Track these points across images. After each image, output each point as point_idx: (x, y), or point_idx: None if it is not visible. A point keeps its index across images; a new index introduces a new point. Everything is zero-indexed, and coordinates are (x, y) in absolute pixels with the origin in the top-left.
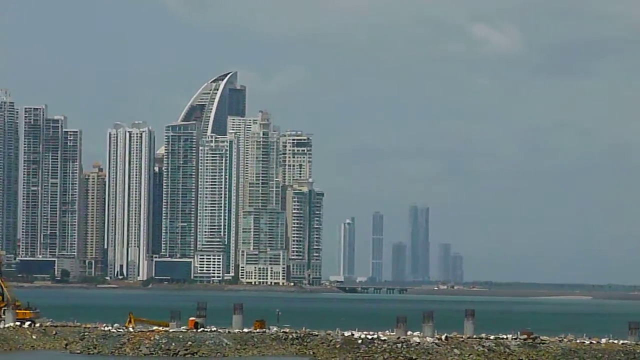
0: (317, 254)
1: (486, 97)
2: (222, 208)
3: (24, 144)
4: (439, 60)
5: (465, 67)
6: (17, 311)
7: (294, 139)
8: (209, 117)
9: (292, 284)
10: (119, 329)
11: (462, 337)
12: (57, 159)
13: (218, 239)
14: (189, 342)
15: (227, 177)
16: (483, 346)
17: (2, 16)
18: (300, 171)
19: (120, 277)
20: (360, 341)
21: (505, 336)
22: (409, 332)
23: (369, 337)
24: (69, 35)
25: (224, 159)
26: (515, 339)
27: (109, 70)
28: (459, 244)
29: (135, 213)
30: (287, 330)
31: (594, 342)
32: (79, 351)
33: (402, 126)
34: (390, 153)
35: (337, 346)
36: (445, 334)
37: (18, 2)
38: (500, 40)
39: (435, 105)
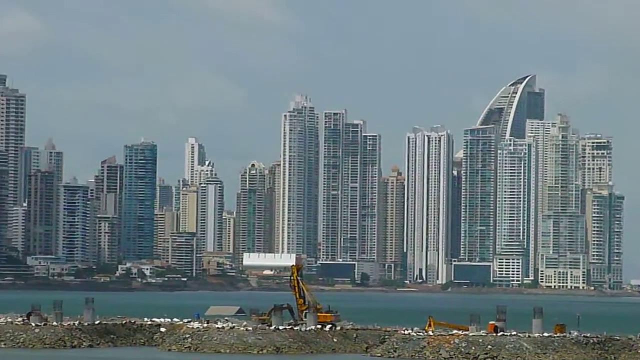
0: (617, 258)
1: None
2: (521, 212)
3: (324, 149)
4: None
5: None
6: (318, 314)
7: (593, 142)
8: (508, 120)
9: (592, 287)
10: (419, 332)
11: None
12: (356, 163)
13: (517, 243)
14: (489, 346)
15: (526, 180)
16: None
17: (301, 22)
18: (600, 174)
19: (420, 280)
20: None
21: None
22: None
23: None
24: (365, 40)
25: (522, 162)
26: None
27: (407, 73)
28: None
29: (434, 217)
30: (588, 334)
31: None
32: (379, 354)
33: None
34: None
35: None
36: None
37: (313, 6)
38: None
39: None
